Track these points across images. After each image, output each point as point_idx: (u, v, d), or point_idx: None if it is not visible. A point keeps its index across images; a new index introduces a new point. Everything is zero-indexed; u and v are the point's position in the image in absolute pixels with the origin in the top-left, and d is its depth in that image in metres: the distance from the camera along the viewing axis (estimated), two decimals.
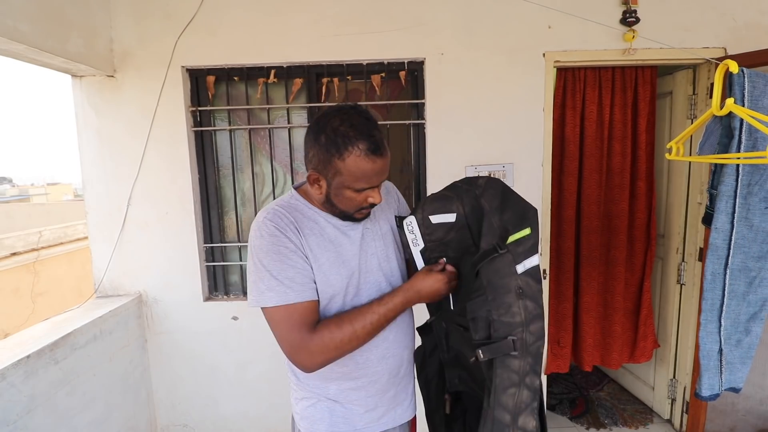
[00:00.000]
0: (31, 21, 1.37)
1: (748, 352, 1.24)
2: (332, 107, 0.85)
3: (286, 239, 0.85)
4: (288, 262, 0.84)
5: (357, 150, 0.80)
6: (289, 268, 0.84)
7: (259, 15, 1.78)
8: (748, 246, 1.18)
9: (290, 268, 0.84)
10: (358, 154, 0.80)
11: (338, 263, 0.90)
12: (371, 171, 0.82)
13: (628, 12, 1.76)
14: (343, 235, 0.92)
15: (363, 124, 0.81)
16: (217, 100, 1.92)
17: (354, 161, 0.80)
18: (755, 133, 1.12)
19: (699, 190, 1.93)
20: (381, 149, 0.82)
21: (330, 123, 0.82)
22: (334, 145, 0.80)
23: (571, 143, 2.00)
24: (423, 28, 1.79)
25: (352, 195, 0.86)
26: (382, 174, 0.85)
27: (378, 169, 0.83)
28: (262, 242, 0.84)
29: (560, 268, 2.08)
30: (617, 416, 2.26)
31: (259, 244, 0.85)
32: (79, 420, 1.50)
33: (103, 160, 1.83)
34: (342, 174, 0.82)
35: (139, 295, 1.89)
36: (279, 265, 0.83)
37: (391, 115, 1.96)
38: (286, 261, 0.84)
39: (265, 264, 0.83)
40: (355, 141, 0.80)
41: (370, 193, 0.88)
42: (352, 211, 0.90)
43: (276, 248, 0.84)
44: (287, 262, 0.84)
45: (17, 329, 3.33)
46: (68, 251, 4.88)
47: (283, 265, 0.83)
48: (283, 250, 0.84)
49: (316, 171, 0.85)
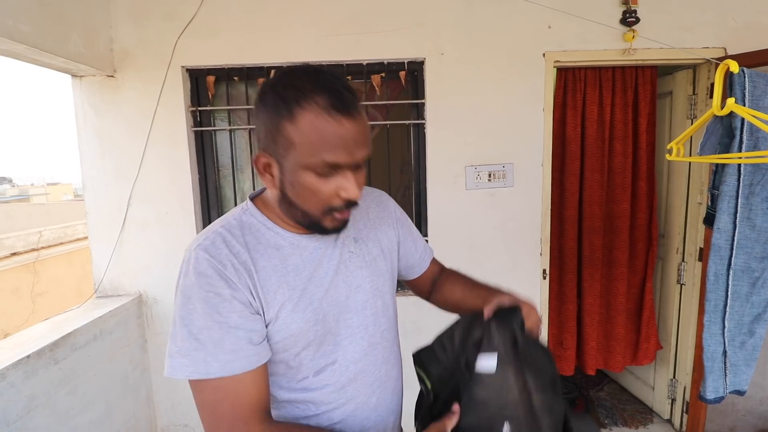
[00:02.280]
0: (31, 21, 1.36)
1: (753, 353, 1.24)
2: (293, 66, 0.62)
3: (222, 282, 0.60)
4: (216, 318, 0.58)
5: (314, 106, 0.56)
6: (216, 326, 0.58)
7: (259, 15, 1.77)
8: (750, 246, 1.18)
9: (218, 326, 0.58)
10: (316, 112, 0.56)
11: (305, 304, 0.65)
12: (336, 138, 0.57)
13: (628, 12, 1.75)
14: (316, 262, 0.68)
15: (326, 78, 0.58)
16: (217, 100, 1.92)
17: (310, 122, 0.56)
18: (756, 133, 1.12)
19: (699, 190, 1.93)
20: (350, 107, 0.57)
21: (281, 79, 0.59)
22: (283, 102, 0.57)
23: (573, 143, 2.00)
24: (423, 28, 1.79)
25: (314, 182, 0.59)
26: (355, 145, 0.59)
27: (347, 135, 0.57)
28: (186, 283, 0.60)
29: (563, 269, 2.08)
30: (617, 416, 2.26)
31: (183, 286, 0.60)
32: (79, 420, 1.50)
33: (103, 160, 1.82)
34: (295, 145, 0.57)
35: (139, 295, 1.89)
36: (203, 321, 0.58)
37: (391, 115, 1.96)
38: (214, 315, 0.58)
39: (184, 316, 0.59)
40: (313, 95, 0.56)
41: (342, 183, 0.60)
42: (318, 212, 0.63)
43: (203, 295, 0.59)
44: (215, 318, 0.58)
45: (17, 329, 3.33)
46: (68, 251, 4.88)
47: (208, 320, 0.58)
48: (213, 298, 0.59)
49: (263, 150, 0.61)
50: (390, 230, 0.83)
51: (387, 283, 0.78)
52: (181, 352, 0.58)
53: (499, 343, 0.67)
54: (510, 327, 0.68)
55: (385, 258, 0.79)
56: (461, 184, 1.87)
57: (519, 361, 0.67)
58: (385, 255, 0.79)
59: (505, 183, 1.87)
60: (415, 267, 0.92)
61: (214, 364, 0.58)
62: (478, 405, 0.66)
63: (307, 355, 0.67)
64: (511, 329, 0.68)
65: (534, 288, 1.94)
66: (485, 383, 0.66)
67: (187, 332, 0.58)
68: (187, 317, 0.59)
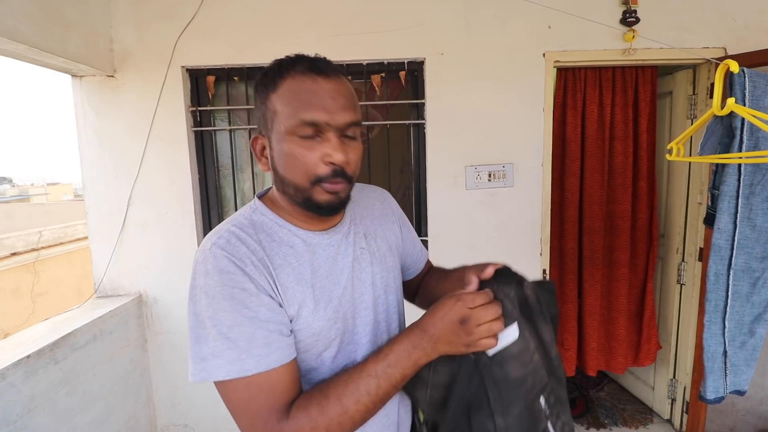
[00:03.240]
0: (31, 21, 1.36)
1: (753, 354, 1.23)
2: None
3: (245, 277, 0.58)
4: (245, 313, 0.57)
5: (293, 72, 0.60)
6: (246, 322, 0.56)
7: (259, 15, 1.77)
8: (751, 246, 1.18)
9: (248, 322, 0.57)
10: (293, 77, 0.60)
11: (325, 303, 0.64)
12: (312, 94, 0.58)
13: (628, 12, 1.75)
14: (331, 260, 0.67)
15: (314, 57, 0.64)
16: (217, 100, 1.92)
17: (289, 86, 0.59)
18: (757, 133, 1.12)
19: (699, 190, 1.93)
20: (327, 69, 0.61)
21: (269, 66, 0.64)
22: (269, 78, 0.62)
23: (573, 143, 2.00)
24: (423, 28, 1.79)
25: (297, 148, 0.59)
26: (333, 103, 0.59)
27: (323, 91, 0.59)
28: (208, 282, 0.57)
29: (563, 269, 2.08)
30: (617, 416, 2.26)
31: (205, 286, 0.58)
32: (79, 420, 1.50)
33: (103, 160, 1.82)
34: (277, 112, 0.60)
35: (139, 295, 1.89)
36: (232, 318, 0.56)
37: (391, 115, 1.96)
38: (243, 311, 0.57)
39: (211, 316, 0.56)
40: (294, 66, 0.61)
41: (326, 148, 0.60)
42: (306, 182, 0.61)
43: (229, 291, 0.57)
44: (244, 313, 0.57)
45: (17, 329, 3.33)
46: (68, 251, 4.88)
47: (238, 317, 0.56)
48: (239, 294, 0.57)
49: (258, 132, 0.65)
50: (395, 227, 0.83)
51: (396, 279, 0.78)
52: (214, 353, 0.56)
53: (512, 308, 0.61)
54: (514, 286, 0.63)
55: (393, 254, 0.79)
56: (461, 184, 1.87)
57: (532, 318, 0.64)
58: (393, 251, 0.79)
59: (505, 183, 1.87)
60: (411, 268, 0.91)
61: (249, 361, 0.56)
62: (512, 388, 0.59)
63: (329, 355, 0.66)
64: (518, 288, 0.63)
65: None
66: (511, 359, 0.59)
67: (217, 332, 0.56)
68: (214, 317, 0.56)
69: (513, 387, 0.59)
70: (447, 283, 0.80)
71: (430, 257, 0.97)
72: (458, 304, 0.58)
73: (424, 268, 0.94)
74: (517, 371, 0.60)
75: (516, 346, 0.60)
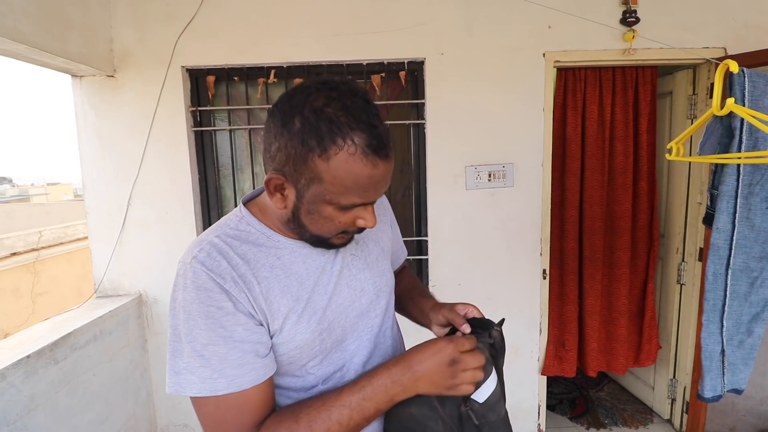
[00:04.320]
0: (31, 21, 1.36)
1: (751, 353, 1.24)
2: (313, 80, 0.57)
3: (223, 295, 0.57)
4: (221, 332, 0.56)
5: (351, 145, 0.52)
6: (221, 341, 0.56)
7: (259, 15, 1.77)
8: (749, 246, 1.18)
9: (223, 341, 0.56)
10: (351, 152, 0.52)
11: (309, 314, 0.63)
12: (369, 180, 0.55)
13: (628, 12, 1.75)
14: (319, 270, 0.65)
15: (361, 107, 0.54)
16: (217, 100, 1.92)
17: (345, 162, 0.53)
18: (756, 133, 1.13)
19: (699, 190, 1.93)
20: (386, 147, 0.55)
21: (310, 101, 0.53)
22: (315, 134, 0.52)
23: (573, 143, 2.00)
24: (423, 28, 1.79)
25: (333, 213, 0.58)
26: (383, 185, 0.58)
27: (379, 176, 0.56)
28: (186, 298, 0.57)
29: (564, 269, 2.08)
30: (617, 416, 2.26)
31: (183, 301, 0.57)
32: (79, 420, 1.50)
33: (103, 160, 1.82)
34: (323, 181, 0.54)
35: (139, 295, 1.89)
36: (207, 336, 0.56)
37: (391, 115, 1.96)
38: (218, 330, 0.56)
39: (187, 332, 0.56)
40: (349, 131, 0.52)
41: (362, 213, 0.60)
42: (330, 235, 0.62)
43: (205, 309, 0.56)
44: (219, 332, 0.56)
45: (17, 329, 3.33)
46: (68, 251, 4.88)
47: (213, 336, 0.56)
48: (216, 312, 0.56)
49: (280, 173, 0.57)
50: (386, 227, 0.82)
51: (389, 282, 0.77)
52: (188, 368, 0.56)
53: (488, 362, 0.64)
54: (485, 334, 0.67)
55: (385, 257, 0.78)
56: (461, 184, 1.87)
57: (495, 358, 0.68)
58: (385, 254, 0.78)
59: (505, 183, 1.87)
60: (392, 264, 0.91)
61: (221, 380, 0.56)
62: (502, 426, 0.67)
63: (314, 365, 0.66)
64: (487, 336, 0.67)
65: (534, 288, 1.94)
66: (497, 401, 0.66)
67: (191, 349, 0.56)
68: (189, 333, 0.56)
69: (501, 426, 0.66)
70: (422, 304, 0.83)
71: (430, 257, 0.97)
72: (450, 346, 0.59)
73: (399, 266, 0.94)
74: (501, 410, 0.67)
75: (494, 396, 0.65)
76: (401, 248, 0.93)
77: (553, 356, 2.07)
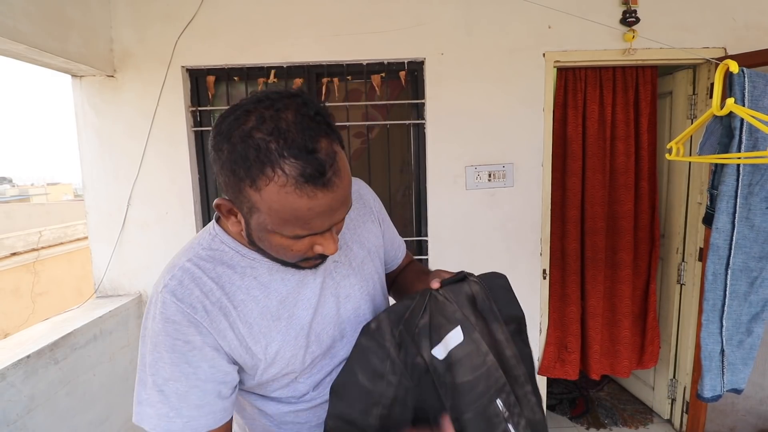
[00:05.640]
0: (31, 21, 1.37)
1: (750, 353, 1.24)
2: (252, 96, 0.51)
3: (192, 329, 0.55)
4: (184, 368, 0.54)
5: (281, 176, 0.46)
6: (183, 378, 0.54)
7: (259, 15, 1.78)
8: (749, 246, 1.18)
9: (185, 378, 0.54)
10: (282, 183, 0.47)
11: (295, 332, 0.61)
12: (308, 212, 0.49)
13: (628, 12, 1.76)
14: (299, 284, 0.63)
15: (299, 128, 0.47)
16: (217, 100, 1.92)
17: (276, 194, 0.47)
18: (756, 133, 1.13)
19: (699, 190, 1.93)
20: (325, 175, 0.48)
21: (239, 124, 0.48)
22: (242, 163, 0.47)
23: (574, 143, 2.00)
24: (423, 28, 1.79)
25: (284, 242, 0.54)
26: (331, 212, 0.51)
27: (321, 207, 0.49)
28: (154, 328, 0.55)
29: (565, 270, 2.07)
30: (617, 416, 2.26)
31: (151, 331, 0.56)
32: (79, 420, 1.50)
33: (103, 160, 1.82)
34: (261, 211, 0.50)
35: (139, 295, 1.89)
36: (170, 372, 0.54)
37: (391, 115, 1.96)
38: (182, 366, 0.54)
39: (151, 363, 0.55)
40: (279, 159, 0.46)
41: (318, 240, 0.55)
42: (293, 260, 0.58)
43: (171, 342, 0.54)
44: (183, 368, 0.54)
45: (17, 329, 3.33)
46: (68, 251, 4.89)
47: (176, 371, 0.54)
48: (182, 347, 0.54)
49: (227, 200, 0.54)
50: (373, 226, 0.77)
51: (377, 285, 0.75)
52: (148, 401, 0.55)
53: (454, 310, 0.59)
54: (462, 287, 0.62)
55: (372, 259, 0.74)
56: (461, 184, 1.87)
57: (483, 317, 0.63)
58: (372, 255, 0.75)
59: (505, 183, 1.87)
60: (389, 263, 0.87)
61: (177, 420, 0.54)
62: (461, 393, 0.57)
63: (305, 376, 0.65)
64: (465, 288, 0.62)
65: (534, 288, 1.94)
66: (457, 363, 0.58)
67: (152, 382, 0.55)
68: (153, 365, 0.55)
69: (464, 392, 0.57)
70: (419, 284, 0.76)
71: (430, 257, 0.96)
72: None
73: (402, 262, 0.91)
74: (466, 375, 0.58)
75: (461, 350, 0.58)
76: (399, 245, 0.89)
77: (555, 358, 2.06)
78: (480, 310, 0.63)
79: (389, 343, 0.60)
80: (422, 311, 0.60)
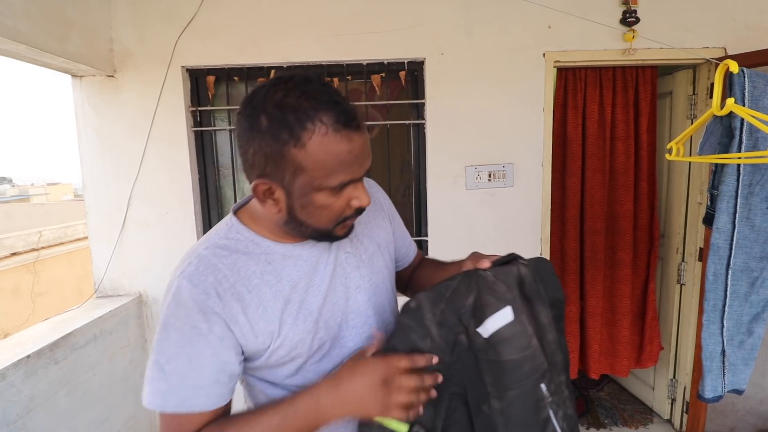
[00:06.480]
0: (31, 21, 1.36)
1: (751, 353, 1.24)
2: (266, 81, 0.58)
3: (201, 315, 0.57)
4: (187, 351, 0.57)
5: (321, 126, 0.53)
6: (185, 360, 0.57)
7: (259, 15, 1.77)
8: (749, 246, 1.18)
9: (187, 360, 0.57)
10: (324, 132, 0.53)
11: (304, 316, 0.64)
12: (349, 155, 0.55)
13: (628, 12, 1.75)
14: (311, 272, 0.66)
15: (319, 89, 0.55)
16: (217, 100, 1.92)
17: (320, 144, 0.53)
18: (756, 133, 1.13)
19: (699, 190, 1.93)
20: (356, 118, 0.56)
21: (270, 98, 0.54)
22: (284, 126, 0.53)
23: (574, 143, 2.00)
24: (423, 28, 1.79)
25: (327, 200, 0.58)
26: (364, 158, 0.58)
27: (358, 149, 0.56)
28: (166, 312, 0.59)
29: (565, 270, 2.07)
30: (617, 416, 2.26)
31: (164, 312, 0.59)
32: (79, 420, 1.50)
33: (103, 160, 1.82)
34: (306, 170, 0.55)
35: (139, 295, 1.89)
36: (173, 352, 0.57)
37: (391, 115, 1.96)
38: (186, 348, 0.57)
39: (158, 341, 0.58)
40: (316, 113, 0.53)
41: (353, 193, 0.60)
42: (331, 226, 0.62)
43: (180, 325, 0.57)
44: (186, 351, 0.57)
45: (17, 329, 3.33)
46: (68, 251, 4.89)
47: (179, 352, 0.57)
48: (189, 331, 0.57)
49: (264, 177, 0.57)
50: (384, 223, 0.80)
51: (386, 279, 0.77)
52: (149, 379, 0.58)
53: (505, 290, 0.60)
54: (511, 269, 0.63)
55: (382, 253, 0.77)
56: (461, 184, 1.87)
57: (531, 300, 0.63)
58: (382, 250, 0.77)
59: (505, 183, 1.87)
60: (400, 261, 0.90)
61: (173, 398, 0.57)
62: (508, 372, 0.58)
63: (313, 362, 0.67)
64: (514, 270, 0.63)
65: None
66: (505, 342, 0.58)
67: (154, 360, 0.58)
68: (159, 344, 0.58)
69: (508, 370, 0.58)
70: (444, 272, 0.78)
71: (430, 257, 0.96)
72: (382, 365, 0.58)
73: (414, 260, 0.93)
74: (513, 354, 0.58)
75: (510, 329, 0.58)
76: (410, 243, 0.91)
77: None
78: (527, 292, 0.64)
79: (429, 321, 0.61)
80: (468, 290, 0.61)
